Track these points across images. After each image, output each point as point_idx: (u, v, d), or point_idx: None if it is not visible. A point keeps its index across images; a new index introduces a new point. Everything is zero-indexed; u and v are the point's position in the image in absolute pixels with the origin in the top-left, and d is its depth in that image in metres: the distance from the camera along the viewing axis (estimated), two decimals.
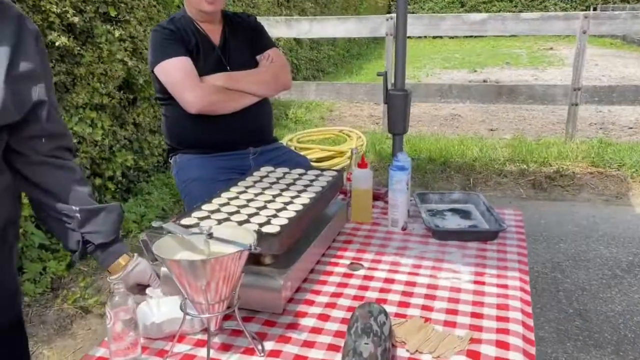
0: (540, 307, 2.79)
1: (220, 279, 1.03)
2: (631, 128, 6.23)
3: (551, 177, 4.56)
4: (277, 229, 1.27)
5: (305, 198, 1.48)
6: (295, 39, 7.78)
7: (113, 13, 3.38)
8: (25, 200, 2.85)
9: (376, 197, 2.00)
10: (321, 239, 1.53)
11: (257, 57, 2.25)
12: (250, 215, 1.37)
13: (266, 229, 1.27)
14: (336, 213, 1.68)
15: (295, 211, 1.39)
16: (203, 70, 2.08)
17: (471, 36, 15.53)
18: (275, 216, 1.36)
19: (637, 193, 4.32)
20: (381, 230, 1.78)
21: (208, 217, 1.36)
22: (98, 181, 3.49)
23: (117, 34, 3.40)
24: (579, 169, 4.71)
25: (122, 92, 3.62)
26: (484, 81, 9.46)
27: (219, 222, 1.33)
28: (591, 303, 2.83)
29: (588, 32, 4.97)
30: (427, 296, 1.37)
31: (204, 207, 1.43)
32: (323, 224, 1.58)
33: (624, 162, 4.70)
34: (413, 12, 19.62)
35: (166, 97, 2.13)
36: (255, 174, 1.72)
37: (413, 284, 1.43)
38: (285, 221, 1.33)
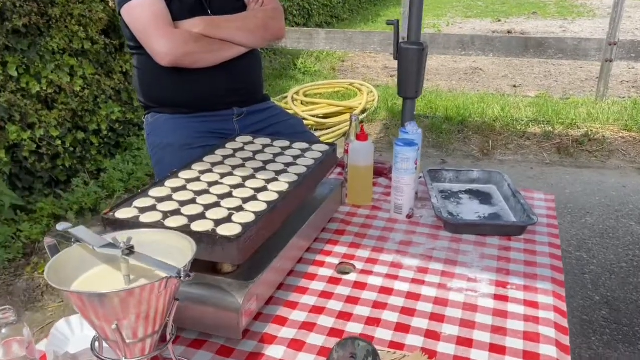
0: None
1: (139, 314, 0.72)
2: None
3: (579, 141, 4.17)
4: (238, 229, 0.96)
5: (283, 182, 1.16)
6: None
7: None
8: None
9: (379, 173, 1.68)
10: (306, 229, 1.22)
11: (246, 0, 1.88)
12: (208, 207, 1.05)
13: (223, 230, 0.96)
14: (328, 195, 1.36)
15: (267, 202, 1.07)
16: (178, 14, 1.72)
17: None
18: (239, 209, 1.05)
19: None
20: (382, 217, 1.46)
21: (152, 208, 1.05)
22: (81, 135, 3.20)
23: None
24: (609, 132, 4.30)
25: (106, 37, 3.25)
26: (509, 32, 8.89)
27: (165, 215, 1.02)
28: (620, 290, 2.52)
29: None
30: (433, 317, 1.06)
31: (152, 192, 1.12)
32: (311, 209, 1.27)
33: None
34: None
35: (136, 46, 1.79)
36: (227, 145, 1.39)
37: (417, 297, 1.12)
38: (251, 217, 1.01)
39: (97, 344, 0.80)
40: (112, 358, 0.78)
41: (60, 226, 0.84)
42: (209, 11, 1.78)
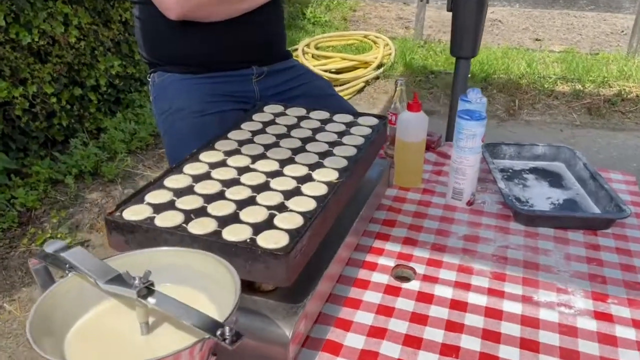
0: None
1: None
2: None
3: (611, 101, 3.90)
4: (285, 240, 0.73)
5: (331, 170, 0.92)
6: None
7: None
8: None
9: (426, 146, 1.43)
10: (358, 224, 0.99)
11: None
12: (241, 205, 0.82)
13: (265, 241, 0.73)
14: (377, 179, 1.12)
15: (316, 198, 0.84)
16: None
17: None
18: (282, 207, 0.81)
19: None
20: (437, 203, 1.23)
21: (171, 206, 0.82)
22: (78, 91, 2.93)
23: None
24: None
25: None
26: None
27: (188, 216, 0.79)
28: None
29: None
30: (524, 343, 0.84)
31: (167, 182, 0.88)
32: (360, 197, 1.04)
33: None
34: None
35: None
36: (255, 117, 1.15)
37: (499, 315, 0.90)
38: (299, 220, 0.78)
39: None
40: None
41: (50, 247, 0.61)
42: None
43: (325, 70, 4.14)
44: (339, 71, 4.22)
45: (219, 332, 0.49)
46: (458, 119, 1.15)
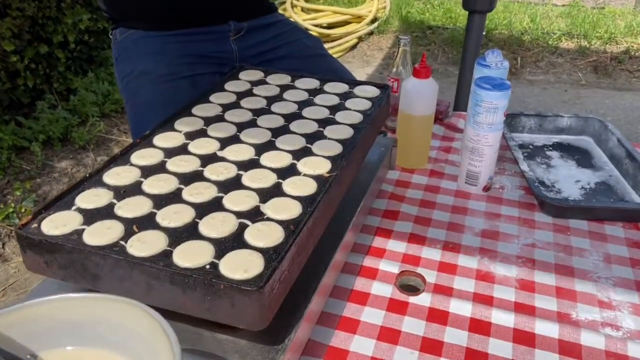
0: None
1: None
2: None
3: (618, 59, 3.68)
4: (259, 266, 0.53)
5: (322, 159, 0.72)
6: None
7: None
8: None
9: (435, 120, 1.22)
10: (355, 223, 0.80)
11: None
12: (201, 209, 0.62)
13: (229, 267, 0.53)
14: (378, 163, 0.92)
15: (302, 199, 0.64)
16: None
17: None
18: (257, 213, 0.61)
19: None
20: (447, 188, 1.03)
21: (109, 212, 0.61)
22: (44, 49, 2.66)
23: None
24: None
25: None
26: None
27: (128, 229, 0.59)
28: None
29: None
30: (555, 348, 0.67)
31: (108, 175, 0.68)
32: (358, 188, 0.84)
33: None
34: None
35: None
36: (227, 87, 0.93)
37: (530, 339, 0.72)
38: (279, 234, 0.58)
39: None
40: None
41: None
42: None
43: (316, 25, 3.87)
44: (330, 26, 3.95)
45: None
46: (476, 87, 0.94)
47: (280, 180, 0.68)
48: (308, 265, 0.64)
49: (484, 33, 1.44)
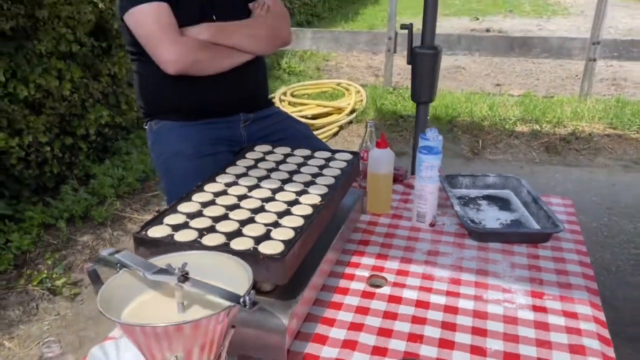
0: None
1: (197, 344, 0.68)
2: None
3: (566, 140, 4.22)
4: (280, 247, 0.93)
5: (314, 195, 1.13)
6: None
7: None
8: None
9: (394, 179, 1.65)
10: (338, 242, 1.19)
11: (250, 5, 1.83)
12: (243, 223, 1.02)
13: (265, 248, 0.92)
14: (352, 205, 1.33)
15: (304, 217, 1.04)
16: (184, 19, 1.66)
17: None
18: (276, 224, 1.01)
19: None
20: (404, 225, 1.44)
21: (185, 226, 1.01)
22: (69, 140, 3.10)
23: None
24: (595, 130, 4.37)
25: (93, 39, 3.16)
26: (487, 30, 8.97)
27: (201, 233, 0.98)
28: (619, 289, 2.54)
29: None
30: (475, 330, 1.04)
31: (181, 207, 1.08)
32: (338, 220, 1.24)
33: None
34: None
35: (139, 52, 1.73)
36: (248, 155, 1.35)
37: (454, 310, 1.10)
38: (291, 233, 0.98)
39: None
40: None
41: (105, 251, 0.79)
42: (214, 17, 1.73)
43: (302, 117, 4.40)
44: (314, 117, 4.48)
45: (241, 300, 0.67)
46: (419, 153, 1.37)
47: (289, 207, 1.08)
48: (310, 256, 1.03)
49: (427, 119, 1.90)
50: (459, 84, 5.97)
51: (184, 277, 0.72)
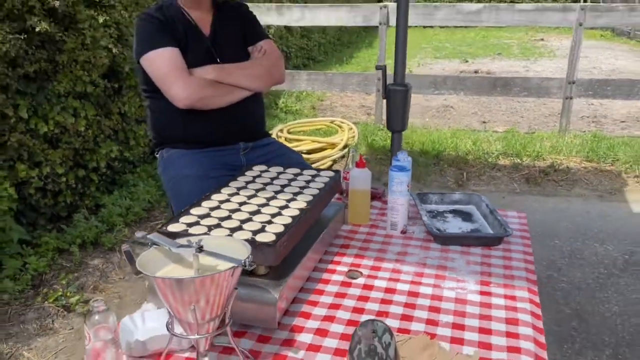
0: None
1: (211, 297, 0.93)
2: (623, 122, 6.18)
3: (545, 172, 4.50)
4: (273, 237, 1.18)
5: (301, 202, 1.39)
6: (285, 27, 7.64)
7: None
8: (4, 193, 2.73)
9: (373, 197, 1.91)
10: (318, 244, 1.44)
11: (249, 49, 2.13)
12: (243, 222, 1.27)
13: (260, 238, 1.18)
14: (333, 216, 1.58)
15: (292, 217, 1.29)
16: (192, 62, 1.96)
17: (465, 27, 15.49)
18: (269, 222, 1.27)
19: (631, 189, 4.27)
20: (380, 233, 1.69)
21: (197, 223, 1.26)
22: (81, 173, 3.37)
23: (101, 19, 3.25)
24: (573, 163, 4.65)
25: (106, 80, 3.47)
26: (476, 72, 9.39)
27: (209, 228, 1.23)
28: (588, 303, 2.77)
29: (584, 24, 4.89)
30: (431, 308, 1.28)
31: (193, 211, 1.33)
32: (320, 227, 1.49)
33: (617, 157, 4.65)
34: None
35: (152, 90, 2.01)
36: (247, 173, 1.62)
37: (416, 295, 1.34)
38: (281, 228, 1.23)
39: (170, 323, 1.00)
40: (184, 335, 0.98)
41: (139, 234, 1.04)
42: (218, 59, 2.03)
43: (298, 152, 4.68)
44: (309, 152, 4.77)
45: (242, 262, 0.92)
46: (391, 171, 1.64)
47: (280, 211, 1.34)
48: (296, 251, 1.28)
49: (401, 144, 2.18)
50: (447, 122, 6.30)
51: (200, 249, 0.97)
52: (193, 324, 0.96)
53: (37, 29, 2.76)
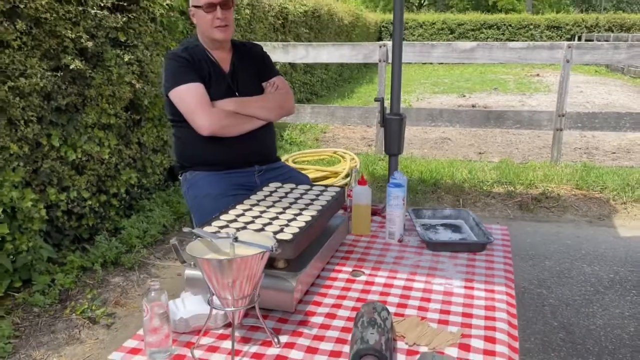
0: (527, 321, 2.94)
1: (244, 277, 1.18)
2: (614, 153, 6.47)
3: (537, 199, 4.75)
4: (290, 236, 1.43)
5: (312, 211, 1.64)
6: (290, 63, 8.02)
7: (122, 38, 3.56)
8: (36, 215, 2.99)
9: (374, 213, 2.17)
10: (326, 248, 1.69)
11: (263, 84, 2.42)
12: (265, 225, 1.53)
13: (281, 236, 1.43)
14: (339, 226, 1.84)
15: (305, 222, 1.55)
16: (214, 95, 2.24)
17: (461, 63, 15.93)
18: (287, 225, 1.52)
19: (618, 215, 4.51)
20: (379, 242, 1.94)
21: (227, 226, 1.52)
22: (103, 198, 3.63)
23: (126, 58, 3.57)
24: (563, 191, 4.91)
25: (128, 112, 3.77)
26: (473, 106, 9.74)
27: (238, 230, 1.49)
28: (574, 317, 2.98)
29: (571, 61, 5.23)
30: (422, 299, 1.53)
31: (222, 217, 1.59)
32: (327, 235, 1.74)
33: (606, 185, 4.91)
34: (404, 39, 20.08)
35: (178, 120, 2.29)
36: (264, 189, 1.88)
37: (410, 289, 1.58)
38: (297, 230, 1.49)
39: (210, 300, 1.24)
40: (222, 308, 1.23)
41: (186, 229, 1.30)
42: (237, 93, 2.32)
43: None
44: (313, 180, 5.03)
45: (270, 247, 1.17)
46: (388, 188, 1.90)
47: (295, 217, 1.59)
48: (308, 250, 1.53)
49: (397, 166, 2.45)
50: (445, 153, 6.59)
51: (235, 239, 1.23)
52: (230, 300, 1.20)
53: (71, 67, 3.07)
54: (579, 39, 19.19)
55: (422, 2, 38.87)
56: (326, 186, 1.91)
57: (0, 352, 2.52)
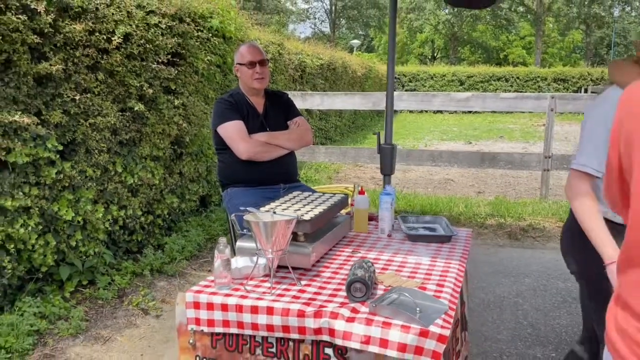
0: (502, 320, 3.55)
1: (279, 235, 1.87)
2: None
3: (524, 230, 5.38)
4: (309, 217, 2.13)
5: (324, 205, 2.34)
6: (307, 110, 8.85)
7: (173, 87, 4.37)
8: (101, 227, 3.71)
9: (371, 218, 2.85)
10: (333, 233, 2.37)
11: (288, 122, 3.17)
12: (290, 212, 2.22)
13: (302, 217, 2.13)
14: (343, 222, 2.53)
15: (319, 211, 2.25)
16: (251, 130, 2.99)
17: (469, 112, 16.69)
18: (306, 213, 2.22)
19: None
20: (373, 236, 2.62)
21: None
22: (150, 218, 4.35)
23: (175, 102, 4.37)
24: (548, 223, 5.54)
25: (173, 147, 4.54)
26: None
27: (271, 215, 2.18)
28: (542, 318, 3.59)
29: (555, 109, 5.95)
30: (400, 266, 2.20)
31: (262, 208, 2.29)
32: (334, 225, 2.43)
33: None
34: (415, 89, 21.00)
35: (223, 148, 3.04)
36: (288, 195, 2.59)
37: (391, 262, 2.26)
38: (314, 215, 2.18)
39: (258, 253, 1.93)
40: (265, 256, 1.91)
41: (242, 208, 2.00)
42: (268, 129, 3.06)
43: None
44: None
45: (297, 216, 1.86)
46: (381, 196, 2.60)
47: (312, 209, 2.29)
48: (321, 231, 2.22)
49: (390, 182, 3.15)
50: (447, 192, 7.26)
51: (274, 212, 1.93)
52: (270, 251, 1.89)
53: (135, 109, 3.86)
54: (585, 91, 20.00)
55: (435, 55, 40.31)
56: (334, 194, 2.61)
57: (77, 329, 3.19)
